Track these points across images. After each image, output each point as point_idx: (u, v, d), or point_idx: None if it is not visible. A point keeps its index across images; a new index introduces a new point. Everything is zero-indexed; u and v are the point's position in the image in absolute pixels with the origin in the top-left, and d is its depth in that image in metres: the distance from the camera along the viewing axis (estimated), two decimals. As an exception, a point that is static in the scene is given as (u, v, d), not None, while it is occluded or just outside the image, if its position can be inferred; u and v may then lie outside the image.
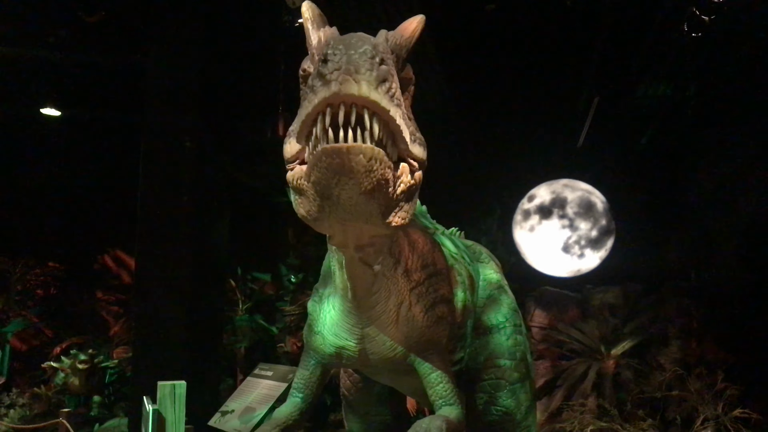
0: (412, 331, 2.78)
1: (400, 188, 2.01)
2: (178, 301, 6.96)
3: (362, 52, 1.77)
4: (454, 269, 3.25)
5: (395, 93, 1.86)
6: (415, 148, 2.09)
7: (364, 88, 1.73)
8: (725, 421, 5.72)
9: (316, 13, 2.20)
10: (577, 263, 8.74)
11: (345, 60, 1.75)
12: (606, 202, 8.60)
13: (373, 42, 1.84)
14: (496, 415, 3.43)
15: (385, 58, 1.84)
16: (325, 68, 1.77)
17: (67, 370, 8.76)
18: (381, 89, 1.78)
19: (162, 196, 7.10)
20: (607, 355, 7.41)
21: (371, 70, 1.76)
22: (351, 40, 1.83)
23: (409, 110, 2.26)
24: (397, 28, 2.18)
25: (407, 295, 2.74)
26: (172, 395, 2.77)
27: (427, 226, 3.58)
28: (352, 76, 1.73)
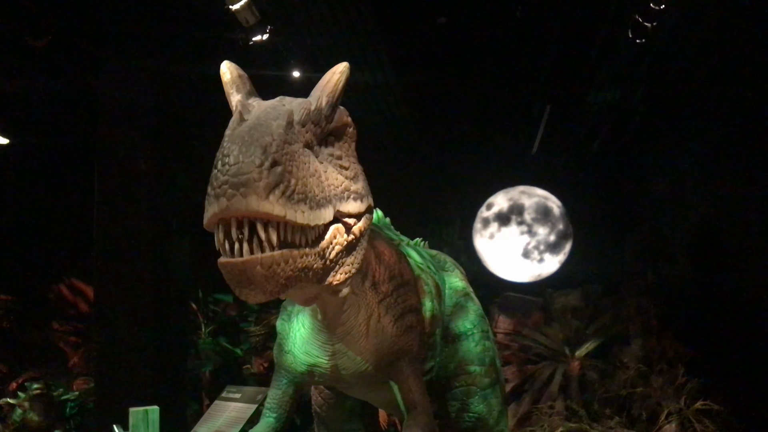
0: (382, 342, 2.79)
1: (333, 252, 2.04)
2: (140, 326, 6.81)
3: (250, 161, 1.72)
4: (421, 279, 3.28)
5: (295, 189, 1.80)
6: (348, 205, 2.12)
7: (253, 202, 1.69)
8: (688, 414, 5.87)
9: (236, 75, 2.17)
10: (537, 268, 8.90)
11: (233, 171, 1.71)
12: (562, 206, 8.79)
13: (265, 142, 1.76)
14: (469, 421, 3.48)
15: (279, 158, 1.77)
16: (215, 179, 1.74)
17: (24, 405, 8.46)
18: (273, 196, 1.72)
19: (118, 221, 6.96)
20: (571, 357, 7.54)
21: (259, 180, 1.70)
22: (241, 143, 1.76)
23: (350, 154, 2.28)
24: (319, 83, 2.16)
25: (376, 308, 2.75)
26: (145, 421, 2.73)
27: (392, 237, 3.60)
28: (238, 190, 1.69)
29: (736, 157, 6.47)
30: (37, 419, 8.44)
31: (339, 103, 2.17)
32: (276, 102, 2.05)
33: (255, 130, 1.80)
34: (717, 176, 6.91)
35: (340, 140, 2.23)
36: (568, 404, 6.86)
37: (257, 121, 1.85)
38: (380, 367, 2.87)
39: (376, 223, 3.66)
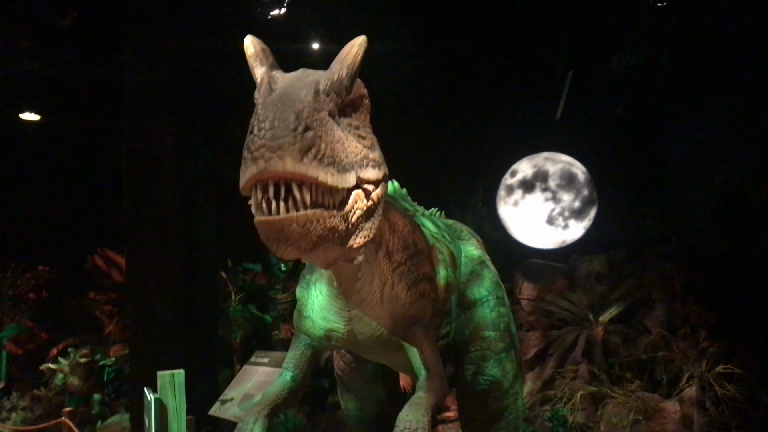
0: (396, 308, 2.91)
1: (354, 217, 2.13)
2: (171, 296, 7.04)
3: (285, 126, 1.85)
4: (435, 248, 3.37)
5: (325, 152, 1.93)
6: (367, 172, 2.21)
7: (289, 164, 1.82)
8: (709, 377, 5.90)
9: (259, 49, 2.26)
10: (562, 234, 8.88)
11: (269, 136, 1.83)
12: (587, 172, 8.73)
13: (297, 109, 1.89)
14: (484, 384, 3.59)
15: (311, 123, 1.90)
16: (252, 143, 1.86)
17: (65, 370, 8.84)
18: (306, 159, 1.85)
19: (147, 194, 7.15)
20: (595, 323, 7.57)
21: (293, 143, 1.83)
22: (275, 109, 1.89)
23: (366, 125, 2.36)
24: (338, 56, 2.23)
25: (390, 276, 2.85)
26: (171, 384, 2.87)
27: (407, 208, 3.68)
28: (275, 153, 1.82)
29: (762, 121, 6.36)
30: (77, 384, 8.82)
31: (357, 74, 2.24)
32: (299, 73, 2.15)
33: (286, 98, 1.93)
34: (742, 141, 6.81)
35: (357, 111, 2.31)
36: (590, 368, 6.92)
37: (286, 90, 1.98)
38: (394, 332, 2.98)
39: (391, 194, 3.75)
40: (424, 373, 2.99)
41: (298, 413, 7.35)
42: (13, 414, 8.81)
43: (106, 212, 9.18)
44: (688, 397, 5.94)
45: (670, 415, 5.83)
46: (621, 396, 6.15)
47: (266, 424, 2.94)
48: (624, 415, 5.92)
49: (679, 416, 5.79)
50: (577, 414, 6.30)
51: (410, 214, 3.37)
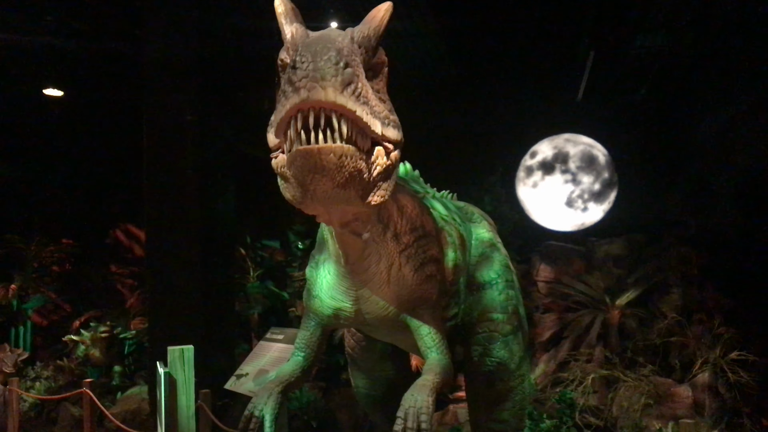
0: (402, 290, 2.95)
1: (376, 171, 2.16)
2: (189, 271, 7.15)
3: (327, 59, 1.91)
4: (444, 231, 3.39)
5: (361, 92, 2.00)
6: (389, 131, 2.23)
7: (330, 93, 1.88)
8: (722, 363, 5.86)
9: (289, 7, 2.31)
10: (581, 217, 8.82)
11: (312, 68, 1.89)
12: (608, 154, 8.63)
13: (338, 46, 1.96)
14: (491, 365, 3.63)
15: (350, 61, 1.97)
16: (294, 75, 1.91)
17: (87, 342, 9.05)
18: (346, 92, 1.92)
19: (167, 170, 7.23)
20: (611, 306, 7.53)
21: (336, 75, 1.90)
22: (317, 46, 1.95)
23: (384, 92, 2.38)
24: (365, 19, 2.28)
25: (397, 257, 2.89)
26: (181, 359, 2.94)
27: (418, 190, 3.69)
28: (318, 83, 1.87)
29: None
30: (99, 355, 9.03)
31: (382, 37, 2.29)
32: (329, 29, 2.21)
33: (325, 38, 2.02)
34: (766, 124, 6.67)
35: (377, 77, 2.34)
36: (604, 352, 6.91)
37: (323, 35, 2.07)
38: (401, 312, 3.02)
39: (403, 176, 3.78)
40: (431, 355, 3.03)
41: (312, 389, 7.46)
42: (37, 383, 9.06)
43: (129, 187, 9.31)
44: (701, 382, 5.92)
45: (682, 400, 5.82)
46: (633, 380, 6.14)
47: (279, 400, 3.03)
48: (636, 398, 5.92)
49: (690, 401, 5.78)
50: (589, 396, 6.31)
51: (420, 197, 3.38)
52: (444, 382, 2.95)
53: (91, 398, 7.50)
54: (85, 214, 11.18)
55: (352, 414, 6.92)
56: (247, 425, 2.95)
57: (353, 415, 6.91)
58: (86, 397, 7.54)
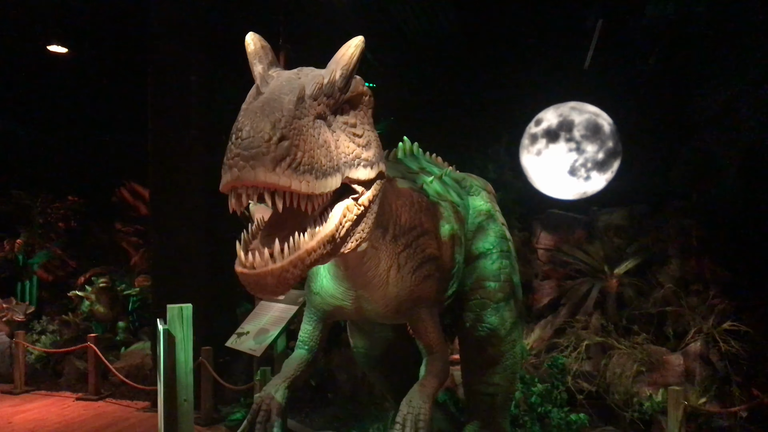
0: (402, 290, 3.02)
1: (344, 230, 2.22)
2: (193, 230, 7.23)
3: (260, 135, 1.87)
4: (439, 206, 3.45)
5: (302, 160, 1.96)
6: (358, 172, 2.27)
7: (260, 174, 1.86)
8: (715, 333, 5.93)
9: (258, 46, 2.30)
10: (583, 186, 8.80)
11: (244, 145, 1.87)
12: (613, 124, 8.58)
13: (275, 117, 1.92)
14: (482, 331, 3.72)
15: (287, 132, 1.92)
16: (229, 149, 1.90)
17: (91, 298, 9.20)
18: (279, 168, 1.88)
19: (172, 130, 7.26)
20: (610, 275, 7.58)
21: (266, 154, 1.86)
22: (255, 115, 1.92)
23: (364, 122, 2.40)
24: (335, 57, 2.26)
25: (396, 259, 2.94)
26: (180, 316, 3.01)
27: (412, 168, 3.72)
28: (248, 163, 1.86)
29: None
30: (103, 311, 9.19)
31: (353, 74, 2.29)
32: (293, 74, 2.20)
33: (267, 105, 1.97)
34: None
35: (356, 108, 2.37)
36: (600, 320, 6.99)
37: (270, 96, 2.02)
38: (400, 312, 3.13)
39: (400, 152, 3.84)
40: (429, 356, 3.17)
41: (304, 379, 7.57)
42: (42, 336, 9.25)
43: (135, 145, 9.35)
44: (693, 351, 5.99)
45: (674, 368, 5.91)
46: (627, 347, 6.23)
47: (286, 396, 3.11)
48: (629, 365, 6.01)
49: (682, 369, 5.87)
50: (583, 362, 6.41)
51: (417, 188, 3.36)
52: (441, 384, 3.10)
53: (95, 352, 7.68)
54: (91, 172, 11.25)
55: (351, 374, 7.06)
56: (255, 419, 3.02)
57: (352, 375, 7.04)
58: (91, 351, 7.73)
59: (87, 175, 11.28)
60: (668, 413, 4.34)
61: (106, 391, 7.93)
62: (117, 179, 11.02)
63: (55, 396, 7.95)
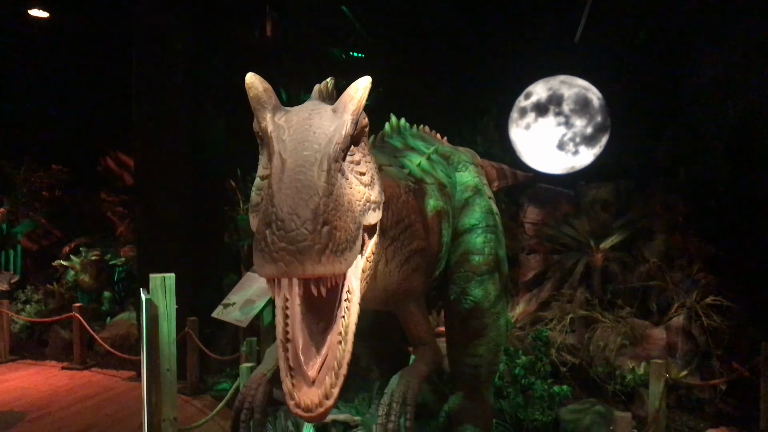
0: (389, 284, 3.03)
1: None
2: (178, 201, 7.18)
3: (305, 229, 1.81)
4: (424, 182, 3.45)
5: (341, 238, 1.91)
6: (369, 217, 2.26)
7: (309, 268, 1.81)
8: (697, 308, 6.00)
9: (261, 90, 2.23)
10: (571, 160, 8.80)
11: (289, 239, 1.79)
12: (602, 98, 8.56)
13: (314, 204, 1.86)
14: (467, 304, 3.75)
15: (327, 217, 1.88)
16: (270, 241, 1.82)
17: (77, 267, 9.15)
18: (324, 257, 1.83)
19: (156, 99, 7.16)
20: (595, 249, 7.62)
21: (312, 246, 1.80)
22: (291, 203, 1.85)
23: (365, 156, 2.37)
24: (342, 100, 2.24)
25: (383, 253, 2.92)
26: (162, 286, 2.99)
27: (397, 147, 3.70)
28: (295, 257, 1.79)
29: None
30: (88, 281, 9.15)
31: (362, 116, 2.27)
32: (305, 124, 2.14)
33: (300, 184, 1.91)
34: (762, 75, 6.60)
35: (358, 144, 2.33)
36: (584, 294, 7.04)
37: (299, 170, 1.95)
38: (387, 304, 3.17)
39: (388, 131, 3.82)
40: (419, 348, 3.23)
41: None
42: (27, 306, 9.20)
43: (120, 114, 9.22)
44: (675, 325, 6.06)
45: (656, 342, 5.98)
46: (611, 321, 6.29)
47: (269, 388, 3.10)
48: (612, 339, 6.07)
49: (664, 343, 5.94)
50: (567, 335, 6.47)
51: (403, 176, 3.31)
52: (432, 370, 3.17)
53: (80, 322, 7.66)
54: (75, 141, 11.09)
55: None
56: (240, 410, 3.02)
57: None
58: (76, 321, 7.71)
59: (71, 144, 11.13)
60: (650, 386, 4.41)
61: (91, 360, 7.94)
62: (102, 148, 10.88)
63: (41, 365, 7.95)
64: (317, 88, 2.67)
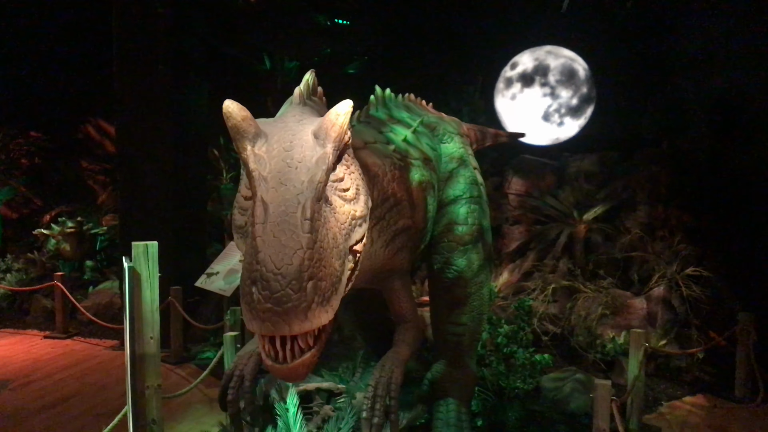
0: (375, 263, 3.02)
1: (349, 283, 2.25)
2: (160, 169, 7.09)
3: (288, 284, 1.80)
4: (410, 157, 3.42)
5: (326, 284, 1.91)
6: (356, 234, 2.25)
7: (296, 327, 1.80)
8: (678, 278, 6.08)
9: (239, 119, 2.16)
10: (556, 131, 8.82)
11: (275, 300, 1.78)
12: (588, 69, 8.54)
13: (299, 260, 1.84)
14: (450, 273, 3.78)
15: (312, 271, 1.86)
16: (257, 302, 1.80)
17: (57, 236, 9.06)
18: (311, 312, 1.83)
19: (137, 66, 7.03)
20: (579, 220, 7.67)
21: (298, 305, 1.79)
22: (275, 257, 1.83)
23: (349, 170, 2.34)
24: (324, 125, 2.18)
25: (369, 233, 2.87)
26: (145, 254, 2.96)
27: (380, 117, 3.66)
28: (281, 318, 1.78)
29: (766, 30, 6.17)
30: (69, 250, 9.07)
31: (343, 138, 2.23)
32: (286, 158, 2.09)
33: (284, 235, 1.88)
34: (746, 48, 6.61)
35: (340, 160, 2.29)
36: (567, 264, 7.10)
37: (282, 217, 1.92)
38: (373, 282, 3.16)
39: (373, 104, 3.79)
40: (402, 325, 3.22)
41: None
42: (8, 275, 9.11)
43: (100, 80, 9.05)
44: (656, 295, 6.14)
45: (637, 311, 6.06)
46: (592, 291, 6.36)
47: (258, 361, 3.07)
48: (593, 309, 6.15)
49: (644, 313, 6.02)
50: (549, 305, 6.54)
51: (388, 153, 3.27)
52: (414, 352, 3.16)
53: (62, 291, 7.61)
54: (54, 107, 10.88)
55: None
56: (228, 384, 3.02)
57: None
58: (58, 289, 7.66)
59: (51, 111, 10.92)
60: (629, 354, 4.48)
61: (74, 329, 7.91)
62: (82, 115, 10.70)
63: (22, 334, 7.90)
64: (297, 92, 2.63)
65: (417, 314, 3.30)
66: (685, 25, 8.13)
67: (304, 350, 1.92)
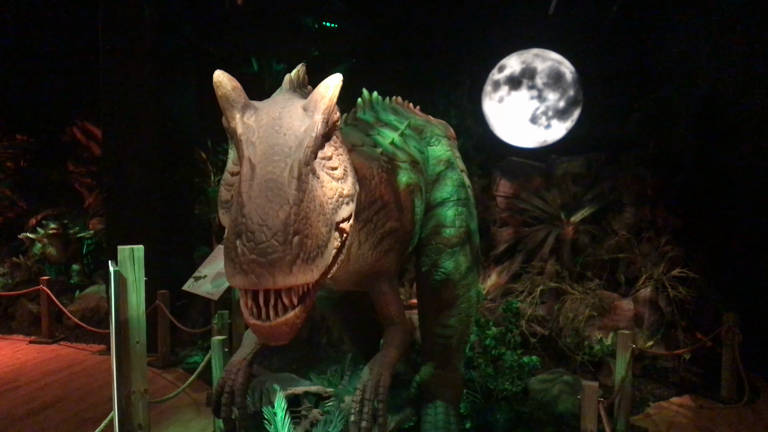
0: (362, 266, 3.05)
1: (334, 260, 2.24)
2: (147, 172, 7.06)
3: (275, 240, 1.80)
4: (397, 160, 3.44)
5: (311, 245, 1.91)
6: (343, 212, 2.25)
7: (279, 279, 1.80)
8: (664, 279, 6.12)
9: (230, 89, 2.19)
10: (543, 134, 8.86)
11: (260, 251, 1.78)
12: (575, 72, 8.59)
13: (284, 215, 1.85)
14: (438, 276, 3.79)
15: (298, 226, 1.87)
16: (240, 252, 1.80)
17: (43, 240, 8.98)
18: (296, 267, 1.83)
19: (123, 68, 6.99)
20: (566, 222, 7.71)
21: (283, 258, 1.79)
22: (262, 212, 1.84)
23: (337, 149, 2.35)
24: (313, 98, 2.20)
25: (356, 236, 2.92)
26: (131, 257, 2.94)
27: (367, 120, 3.67)
28: (266, 269, 1.78)
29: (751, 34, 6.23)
30: (55, 254, 9.00)
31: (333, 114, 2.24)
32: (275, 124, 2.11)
33: (270, 193, 1.89)
34: (731, 51, 6.68)
35: (329, 139, 2.31)
36: (554, 266, 7.13)
37: (269, 176, 1.93)
38: (360, 285, 3.18)
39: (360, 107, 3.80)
40: (390, 328, 3.21)
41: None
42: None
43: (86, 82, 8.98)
44: (643, 296, 6.18)
45: (624, 313, 6.09)
46: (580, 293, 6.38)
47: (248, 372, 3.07)
48: (581, 310, 6.17)
49: (631, 314, 6.06)
50: (537, 307, 6.57)
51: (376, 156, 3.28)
52: (402, 355, 3.14)
53: (48, 295, 7.55)
54: (40, 110, 10.78)
55: (309, 317, 7.09)
56: (220, 395, 3.01)
57: (310, 318, 7.08)
58: (43, 294, 7.59)
59: (36, 114, 10.82)
60: (617, 356, 4.50)
61: (60, 334, 7.84)
62: (68, 118, 10.60)
63: (7, 339, 7.82)
64: (288, 78, 2.63)
65: (405, 317, 3.30)
66: (671, 28, 8.21)
67: (288, 309, 1.92)
